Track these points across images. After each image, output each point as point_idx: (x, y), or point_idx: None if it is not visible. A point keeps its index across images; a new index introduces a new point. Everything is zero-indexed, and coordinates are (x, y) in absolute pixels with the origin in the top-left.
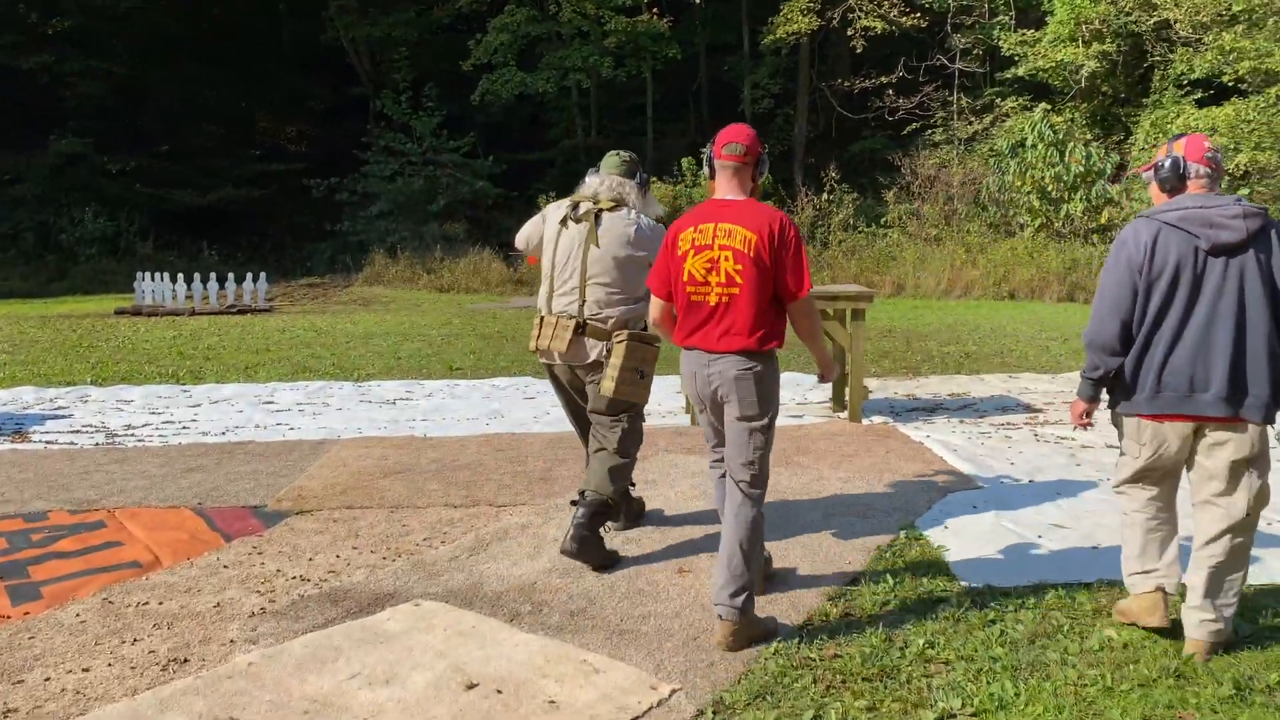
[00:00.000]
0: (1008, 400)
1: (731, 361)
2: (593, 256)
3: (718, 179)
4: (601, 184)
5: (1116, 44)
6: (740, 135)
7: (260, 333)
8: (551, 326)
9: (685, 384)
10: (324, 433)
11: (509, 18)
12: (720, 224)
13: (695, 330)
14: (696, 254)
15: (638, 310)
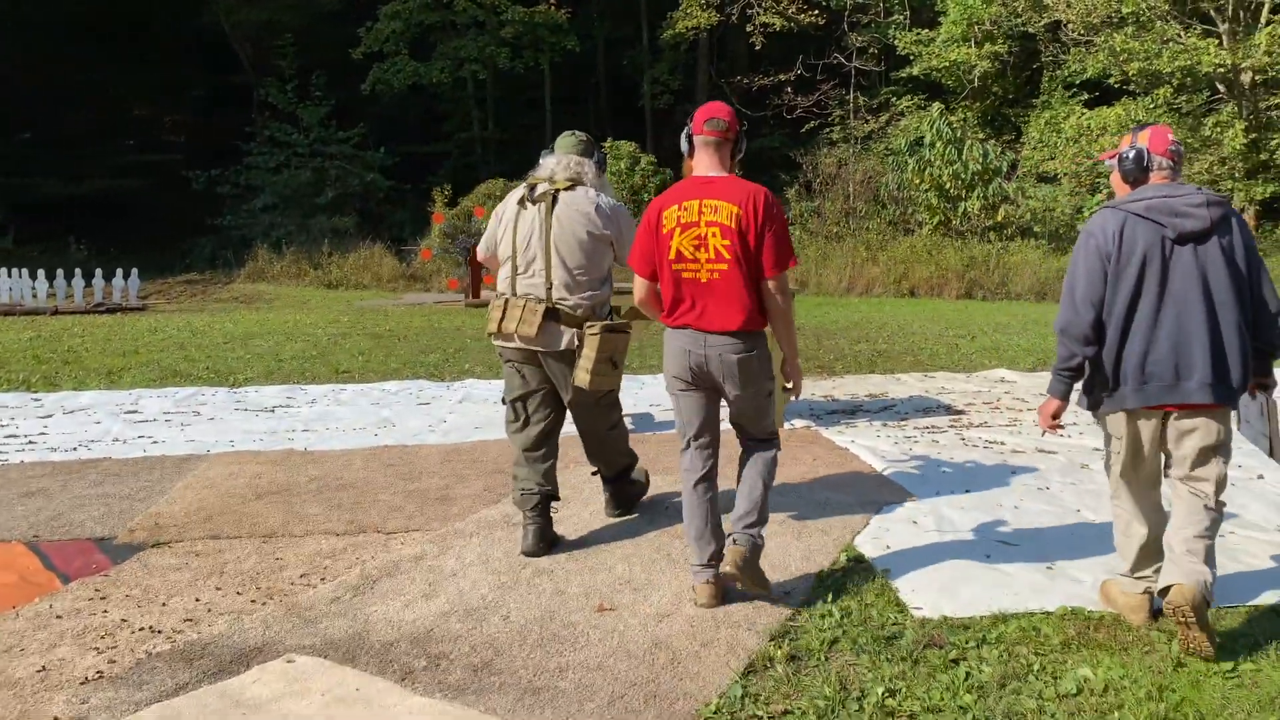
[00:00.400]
0: (928, 401)
1: (728, 343)
2: (555, 237)
3: (698, 155)
4: (558, 163)
5: (1007, 45)
6: (721, 111)
7: (129, 333)
8: (519, 309)
9: (673, 362)
10: (192, 447)
11: (401, 5)
12: (706, 200)
13: (687, 309)
14: (683, 231)
15: (604, 293)
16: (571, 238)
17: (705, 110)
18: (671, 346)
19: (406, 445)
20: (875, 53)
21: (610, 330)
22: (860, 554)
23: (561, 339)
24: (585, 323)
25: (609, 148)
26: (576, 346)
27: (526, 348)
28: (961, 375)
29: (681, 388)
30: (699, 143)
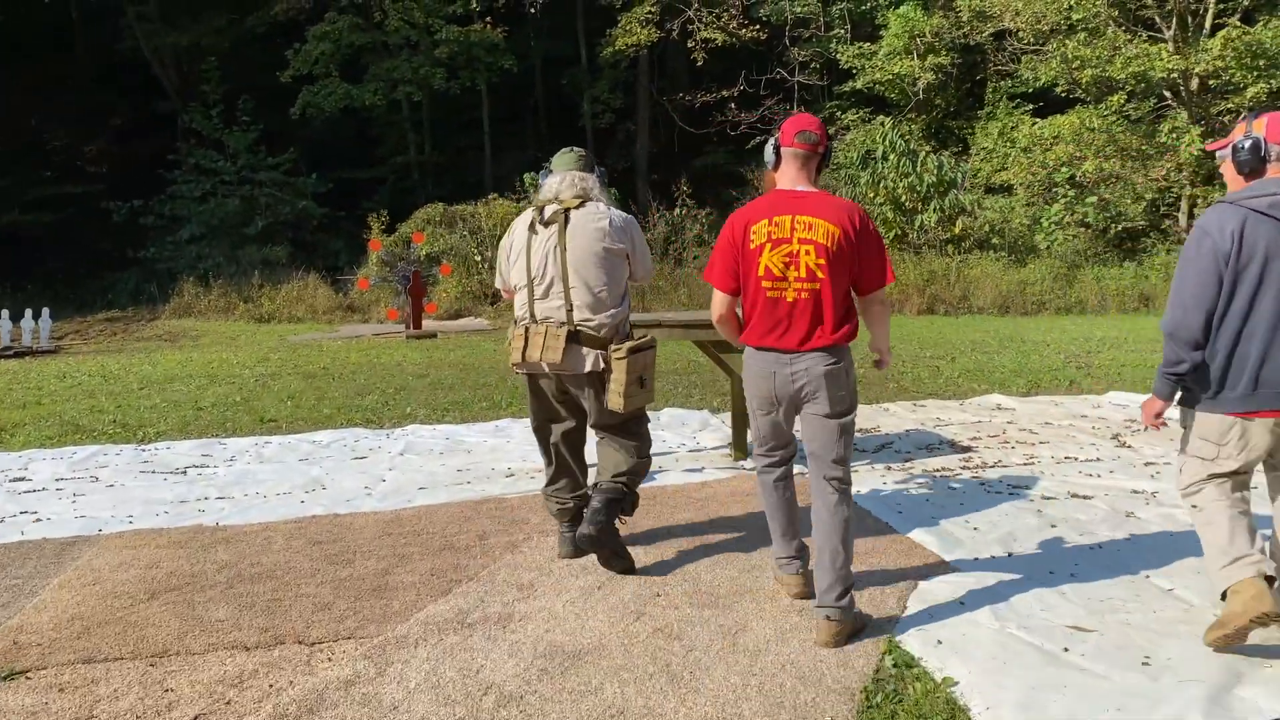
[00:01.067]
0: (927, 436)
1: (818, 358)
2: (571, 258)
3: (785, 168)
4: (562, 182)
5: (950, 57)
6: (812, 124)
7: (34, 381)
8: (540, 335)
9: (755, 384)
10: (82, 525)
11: (330, 26)
12: (799, 216)
13: (772, 329)
14: (774, 248)
15: (625, 310)
16: (589, 256)
17: (795, 122)
18: (754, 367)
19: (338, 514)
20: (818, 67)
21: (636, 350)
22: (909, 655)
23: (586, 361)
24: (609, 344)
25: None
26: (604, 369)
27: (553, 374)
28: (954, 403)
29: (762, 407)
30: (787, 155)
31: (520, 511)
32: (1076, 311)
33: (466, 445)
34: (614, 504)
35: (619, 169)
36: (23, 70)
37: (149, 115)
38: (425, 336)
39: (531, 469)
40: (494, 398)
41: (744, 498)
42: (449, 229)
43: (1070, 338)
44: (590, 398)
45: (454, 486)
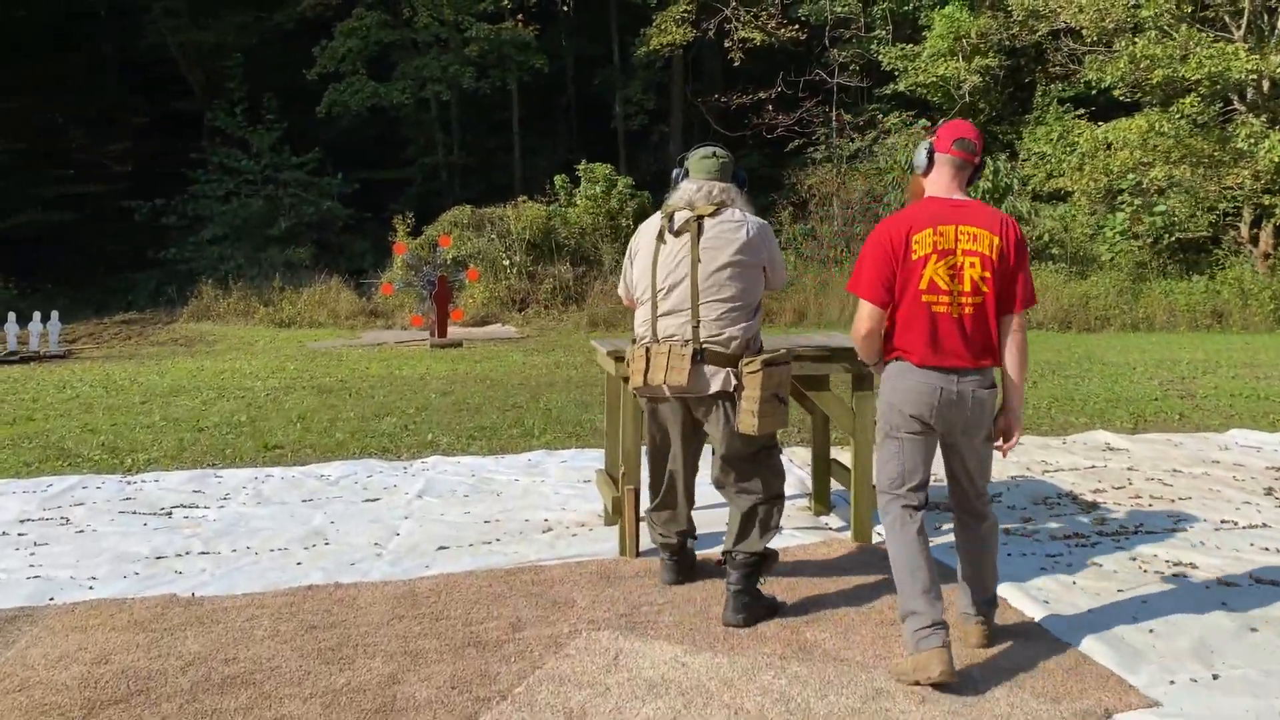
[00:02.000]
0: (1038, 486)
1: (981, 378)
2: (704, 271)
3: (938, 174)
4: (697, 191)
5: (998, 59)
6: (970, 132)
7: (32, 391)
8: (664, 356)
9: (913, 401)
10: (33, 589)
11: (358, 22)
12: (963, 226)
13: (937, 346)
14: (939, 259)
15: (757, 324)
16: (723, 269)
17: (953, 128)
18: (911, 383)
19: (340, 584)
20: (858, 68)
21: (771, 364)
22: None
23: (712, 382)
24: (739, 360)
25: (582, 170)
26: (735, 387)
27: (675, 398)
28: (1054, 440)
29: (916, 430)
30: (942, 160)
31: (562, 588)
32: (1144, 328)
33: (495, 485)
34: (754, 575)
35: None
36: (46, 67)
37: (173, 114)
38: (450, 345)
39: (572, 520)
40: (525, 422)
41: (838, 574)
42: (476, 232)
43: (1153, 359)
44: (719, 423)
45: (480, 546)
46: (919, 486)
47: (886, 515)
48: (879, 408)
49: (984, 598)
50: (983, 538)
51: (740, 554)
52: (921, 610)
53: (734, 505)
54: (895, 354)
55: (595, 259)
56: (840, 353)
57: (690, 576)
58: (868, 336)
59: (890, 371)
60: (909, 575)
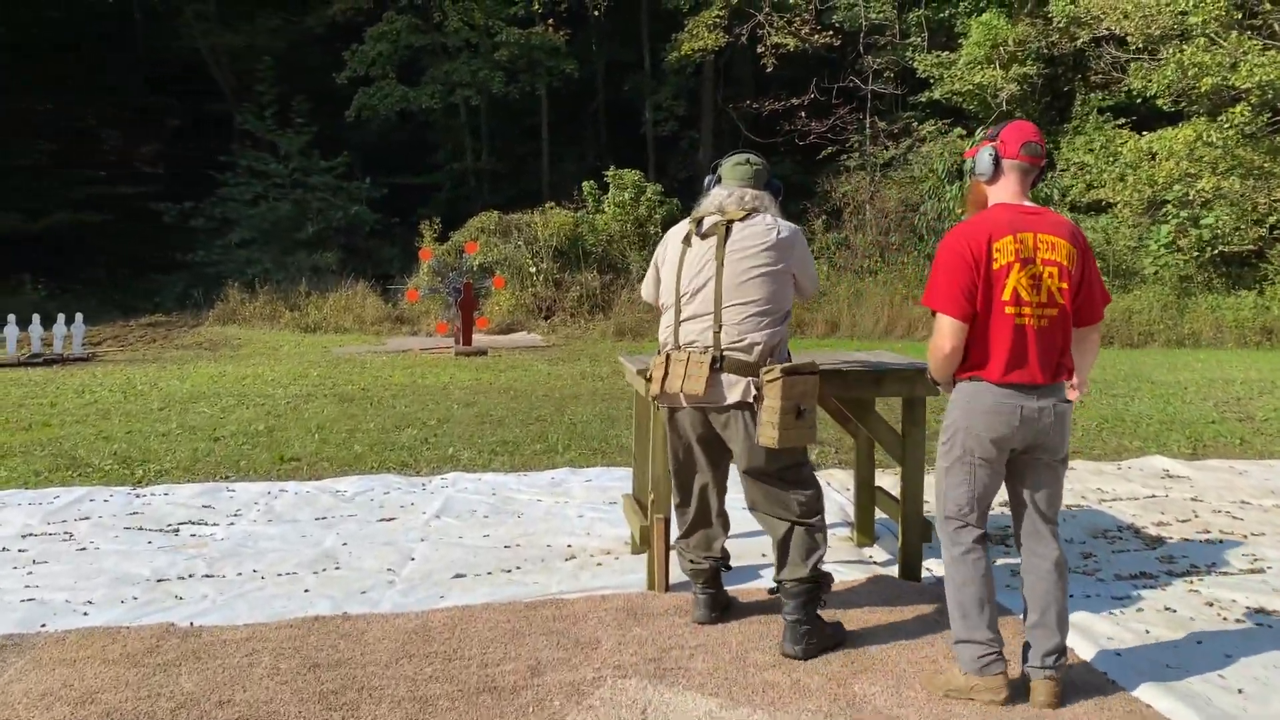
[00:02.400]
0: (1097, 517)
1: (1058, 394)
2: (729, 274)
3: (1006, 181)
4: (729, 197)
5: (1036, 67)
6: (1036, 134)
7: (50, 395)
8: (682, 363)
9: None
10: (26, 612)
11: (388, 26)
12: (1040, 234)
13: (1018, 361)
14: (1022, 268)
15: (783, 333)
16: (750, 273)
17: (1018, 131)
18: (989, 403)
19: (348, 615)
20: (892, 76)
21: (791, 372)
22: None
23: (730, 392)
24: (760, 368)
25: (611, 176)
26: (755, 397)
27: (694, 407)
28: (1109, 466)
29: (992, 454)
30: (1010, 167)
31: (586, 625)
32: (1190, 344)
33: (516, 506)
34: (810, 603)
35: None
36: (80, 69)
37: (204, 116)
38: (475, 354)
39: (597, 547)
40: (549, 437)
41: (881, 606)
42: (504, 238)
43: (1204, 378)
44: (739, 436)
45: (499, 575)
46: (985, 514)
47: (954, 546)
48: (948, 429)
49: (1055, 647)
50: (1055, 575)
51: (789, 583)
52: (984, 640)
53: (770, 531)
54: (970, 372)
55: (623, 266)
56: (891, 375)
57: (724, 615)
58: (951, 355)
59: (964, 391)
60: (975, 609)
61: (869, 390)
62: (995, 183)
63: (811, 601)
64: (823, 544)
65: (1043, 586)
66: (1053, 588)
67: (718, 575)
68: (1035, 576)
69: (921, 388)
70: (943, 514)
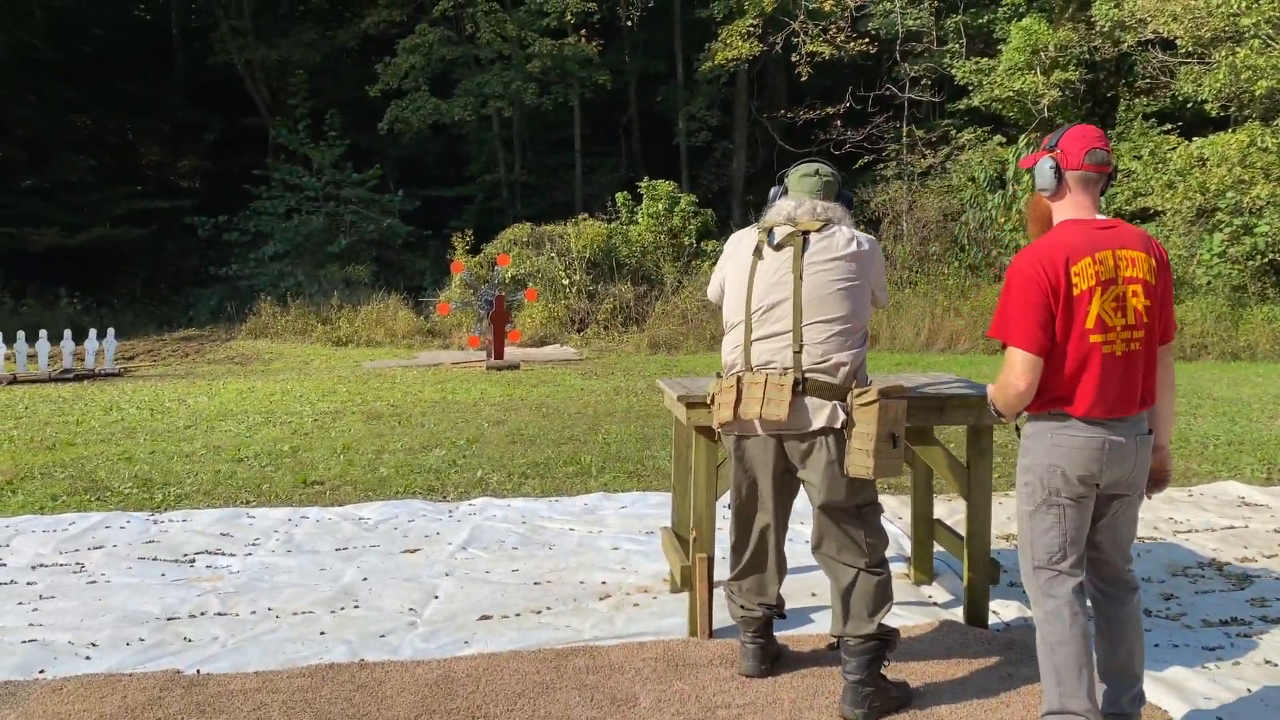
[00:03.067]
0: (1173, 551)
1: (1143, 426)
2: (809, 288)
3: (1072, 195)
4: (798, 208)
5: (1078, 72)
6: (1100, 140)
7: (77, 414)
8: (759, 386)
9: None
10: (25, 655)
11: (420, 38)
12: (1120, 250)
13: (1106, 393)
14: (1104, 291)
15: (864, 354)
16: (830, 286)
17: (1080, 139)
18: (1076, 440)
19: (365, 662)
20: (930, 83)
21: (887, 396)
22: None
23: (815, 417)
24: (848, 392)
25: (644, 187)
26: (844, 423)
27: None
28: (1180, 493)
29: (1080, 494)
30: (1076, 180)
31: (622, 679)
32: (1246, 358)
33: (546, 537)
34: (875, 662)
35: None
36: (122, 86)
37: (240, 131)
38: (507, 367)
39: (633, 585)
40: (581, 459)
41: (955, 667)
42: (536, 250)
43: (1269, 394)
44: (820, 465)
45: (528, 617)
46: (1081, 560)
47: (1046, 599)
48: (1029, 470)
49: (1134, 692)
50: (1133, 615)
51: (852, 639)
52: (1081, 711)
53: (833, 578)
54: (1051, 406)
55: (657, 278)
56: (954, 401)
57: (775, 667)
58: (1026, 392)
59: (1044, 427)
60: (1074, 671)
61: (930, 418)
62: (1060, 198)
63: (876, 660)
64: (891, 599)
65: (1122, 627)
66: (1133, 629)
67: (770, 624)
68: (1112, 618)
69: (989, 416)
70: (1031, 564)
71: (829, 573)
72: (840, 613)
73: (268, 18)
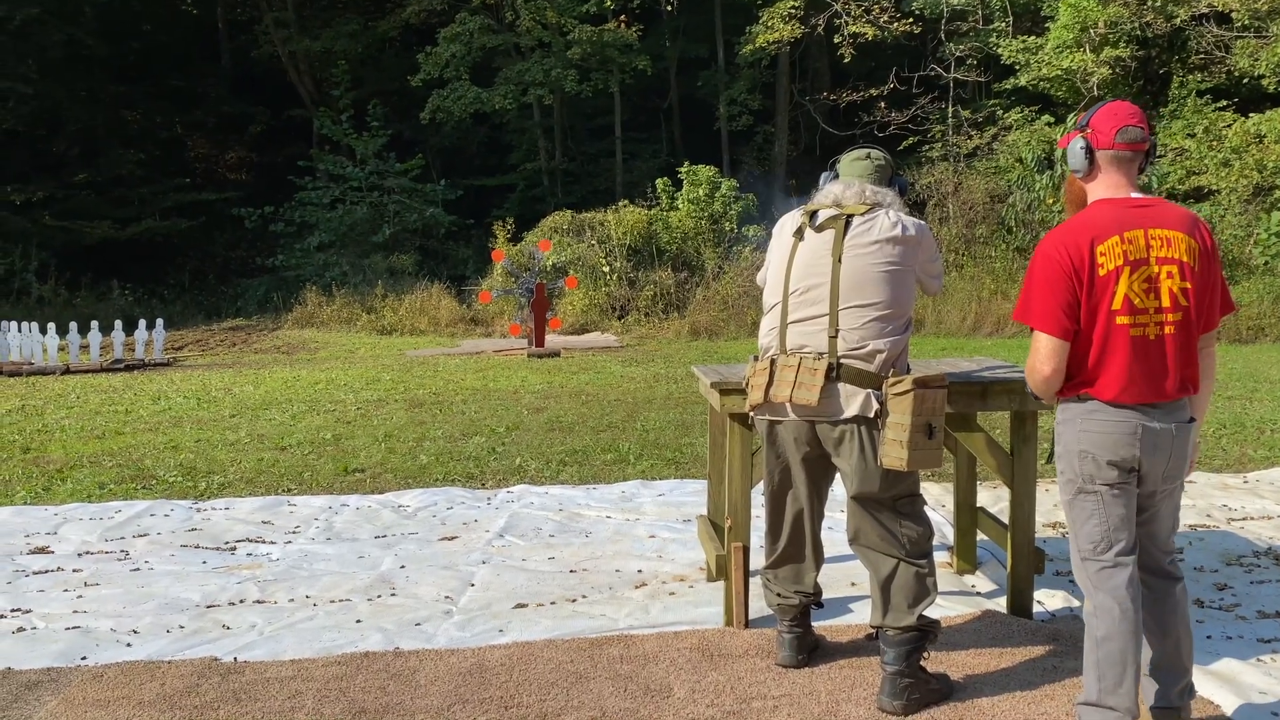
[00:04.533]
0: (1227, 539)
1: (1183, 413)
2: (847, 271)
3: (1105, 174)
4: (845, 191)
5: (1129, 49)
6: (1132, 115)
7: (127, 402)
8: (791, 370)
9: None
10: (68, 642)
11: (461, 27)
12: (1152, 230)
13: (1137, 376)
14: (1133, 271)
15: (906, 340)
16: (872, 270)
17: (1111, 116)
18: (1106, 424)
19: (400, 651)
20: (975, 63)
21: (923, 385)
22: None
23: (848, 405)
24: (883, 380)
25: (685, 173)
26: (878, 412)
27: (801, 420)
28: (1234, 479)
29: (1116, 479)
30: (1108, 159)
31: (657, 668)
32: None
33: (583, 524)
34: (914, 653)
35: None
36: (169, 81)
37: (285, 122)
38: (548, 355)
39: (669, 574)
40: (620, 446)
41: (999, 658)
42: (577, 238)
43: None
44: (852, 455)
45: (563, 605)
46: (1130, 549)
47: (1095, 591)
48: (1062, 458)
49: (1186, 685)
50: (1178, 606)
51: (891, 630)
52: (1120, 708)
53: (872, 570)
54: (1079, 390)
55: (697, 264)
56: (997, 387)
57: (812, 657)
58: (1053, 377)
59: (1074, 412)
60: (1117, 667)
61: (973, 404)
62: (1093, 178)
63: (916, 651)
64: (933, 590)
65: (1169, 619)
66: (1179, 620)
67: (807, 613)
68: (1159, 609)
69: (1033, 401)
70: (1079, 556)
71: (867, 564)
72: (880, 603)
73: (310, 9)
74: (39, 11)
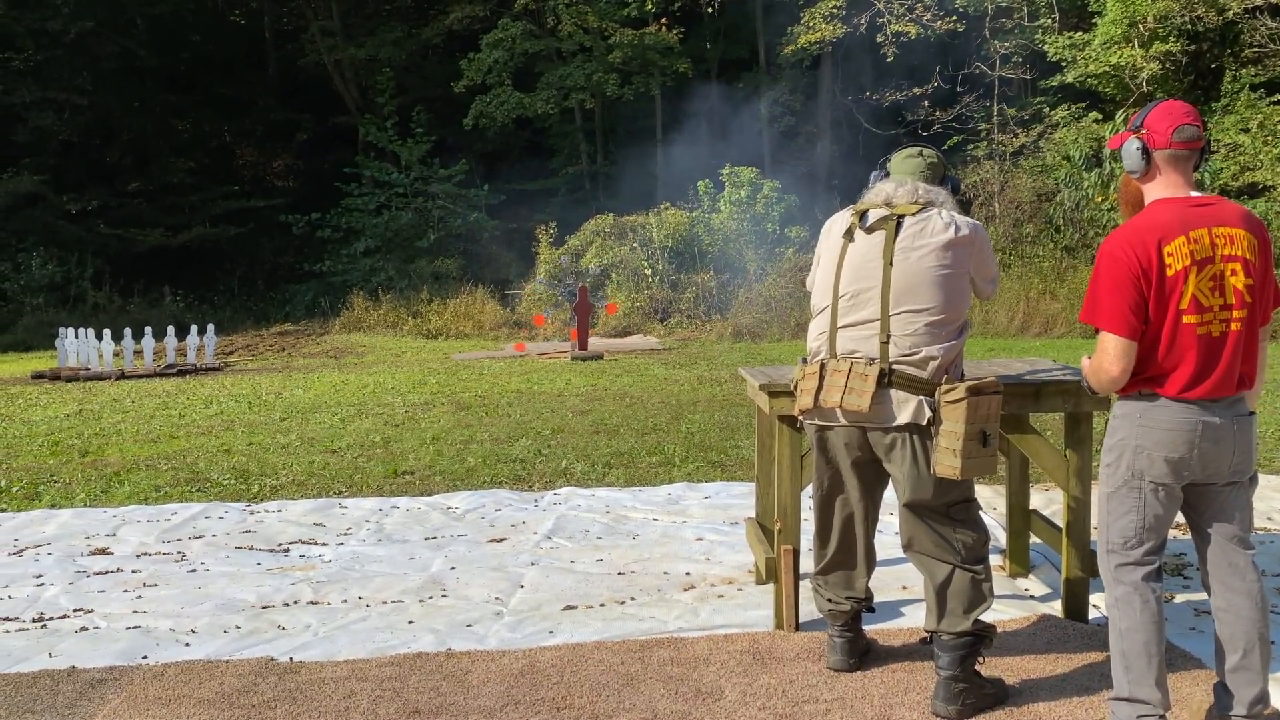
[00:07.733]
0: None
1: (1243, 407)
2: (899, 274)
3: (1163, 174)
4: (897, 190)
5: (1180, 43)
6: (1187, 114)
7: (179, 408)
8: (841, 375)
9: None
10: (129, 642)
11: (503, 33)
12: (1216, 228)
13: (1203, 374)
14: (1199, 271)
15: (961, 346)
16: (924, 273)
17: (1166, 116)
18: (1167, 420)
19: (452, 652)
20: (1021, 60)
21: (976, 392)
22: None
23: (900, 411)
24: (937, 387)
25: (726, 174)
26: (930, 420)
27: (852, 426)
28: None
29: (1167, 479)
30: (1165, 159)
31: (707, 671)
32: None
33: (630, 526)
34: (969, 658)
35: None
36: (217, 89)
37: (331, 129)
38: (591, 358)
39: (718, 576)
40: (665, 448)
41: (1053, 663)
42: (618, 241)
43: None
44: (904, 462)
45: (612, 607)
46: (1158, 549)
47: (1117, 585)
48: (1114, 449)
49: (1261, 694)
50: (1257, 610)
51: (946, 635)
52: (1149, 700)
53: (927, 576)
54: (1140, 386)
55: (740, 266)
56: (1050, 387)
57: (863, 661)
58: (1120, 377)
59: (1133, 407)
60: (1143, 659)
61: (1026, 405)
62: (1150, 179)
63: (970, 655)
64: (989, 596)
65: (1243, 624)
66: (1255, 624)
67: (858, 617)
68: (1232, 614)
69: (1088, 402)
70: (1105, 548)
71: (922, 569)
72: (935, 608)
73: (355, 17)
74: (94, 25)
